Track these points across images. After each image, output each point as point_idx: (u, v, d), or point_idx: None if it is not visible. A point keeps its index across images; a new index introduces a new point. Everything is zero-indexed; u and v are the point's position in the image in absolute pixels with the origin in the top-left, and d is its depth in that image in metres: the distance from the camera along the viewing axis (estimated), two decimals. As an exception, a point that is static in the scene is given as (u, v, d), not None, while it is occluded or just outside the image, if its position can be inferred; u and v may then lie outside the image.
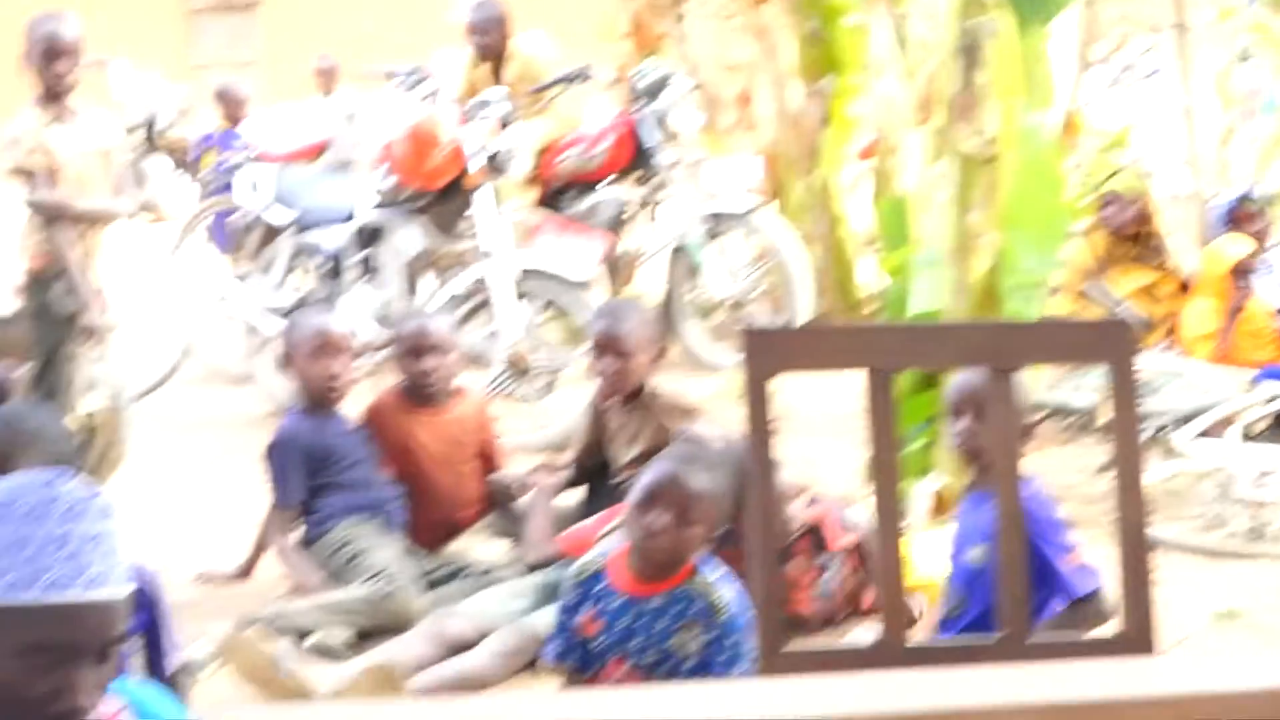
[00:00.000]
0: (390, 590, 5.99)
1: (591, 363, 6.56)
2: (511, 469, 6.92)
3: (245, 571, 6.79)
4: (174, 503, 8.40)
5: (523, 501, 6.66)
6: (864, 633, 5.48)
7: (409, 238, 9.50)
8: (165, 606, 3.80)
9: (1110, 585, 4.44)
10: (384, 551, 6.23)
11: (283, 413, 7.30)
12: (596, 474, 6.61)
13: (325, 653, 5.79)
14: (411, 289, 9.55)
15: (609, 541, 4.99)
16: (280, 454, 6.50)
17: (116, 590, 2.32)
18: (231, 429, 10.08)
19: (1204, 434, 7.62)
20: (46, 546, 2.28)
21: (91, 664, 2.31)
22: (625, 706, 1.73)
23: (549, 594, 5.69)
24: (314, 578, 6.27)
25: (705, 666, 4.45)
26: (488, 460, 6.82)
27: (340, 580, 6.22)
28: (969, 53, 6.55)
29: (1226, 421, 7.71)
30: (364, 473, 6.53)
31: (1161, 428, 7.71)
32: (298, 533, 6.48)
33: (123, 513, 2.40)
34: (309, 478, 6.47)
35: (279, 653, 5.34)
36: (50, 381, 7.20)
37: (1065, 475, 7.50)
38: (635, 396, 6.41)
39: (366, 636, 5.94)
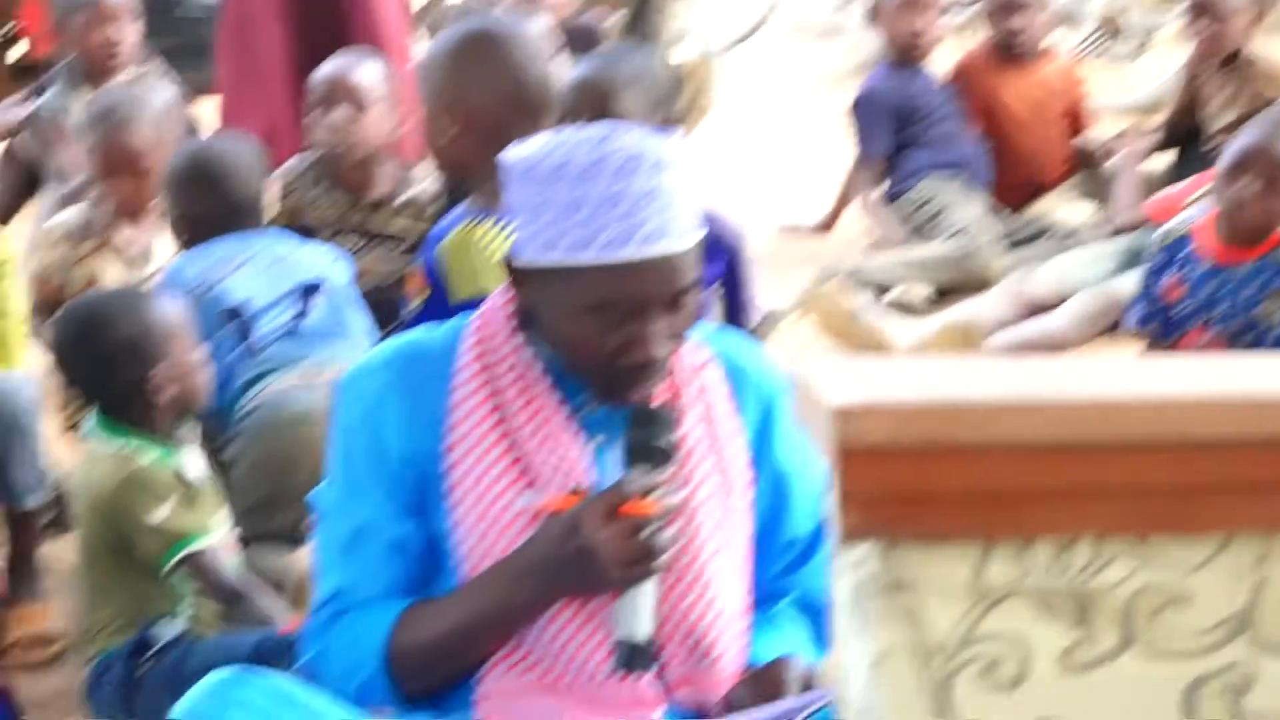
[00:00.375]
0: (972, 248, 5.98)
1: (1186, 24, 6.30)
2: (1099, 131, 6.76)
3: (828, 224, 6.88)
4: (759, 154, 8.54)
5: (1110, 164, 6.51)
6: None
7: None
8: (747, 257, 3.87)
9: None
10: (967, 209, 6.21)
11: (870, 67, 7.28)
12: (1187, 139, 6.40)
13: (905, 308, 5.85)
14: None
15: (1197, 207, 4.85)
16: (867, 108, 6.50)
17: (675, 243, 2.34)
18: (818, 82, 10.13)
19: None
20: (601, 206, 2.30)
21: (660, 314, 2.35)
22: (1206, 374, 1.69)
23: (1132, 258, 5.59)
24: (896, 232, 6.31)
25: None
26: (1075, 121, 6.67)
27: (922, 236, 6.24)
28: None
29: None
30: (950, 129, 6.49)
31: None
32: (881, 187, 6.51)
33: (691, 162, 2.38)
34: (894, 133, 6.46)
35: (859, 306, 5.42)
36: (641, 31, 7.35)
37: None
38: (1232, 60, 6.15)
39: (946, 293, 5.97)
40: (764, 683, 2.42)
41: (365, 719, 2.39)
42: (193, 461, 3.48)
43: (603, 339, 2.35)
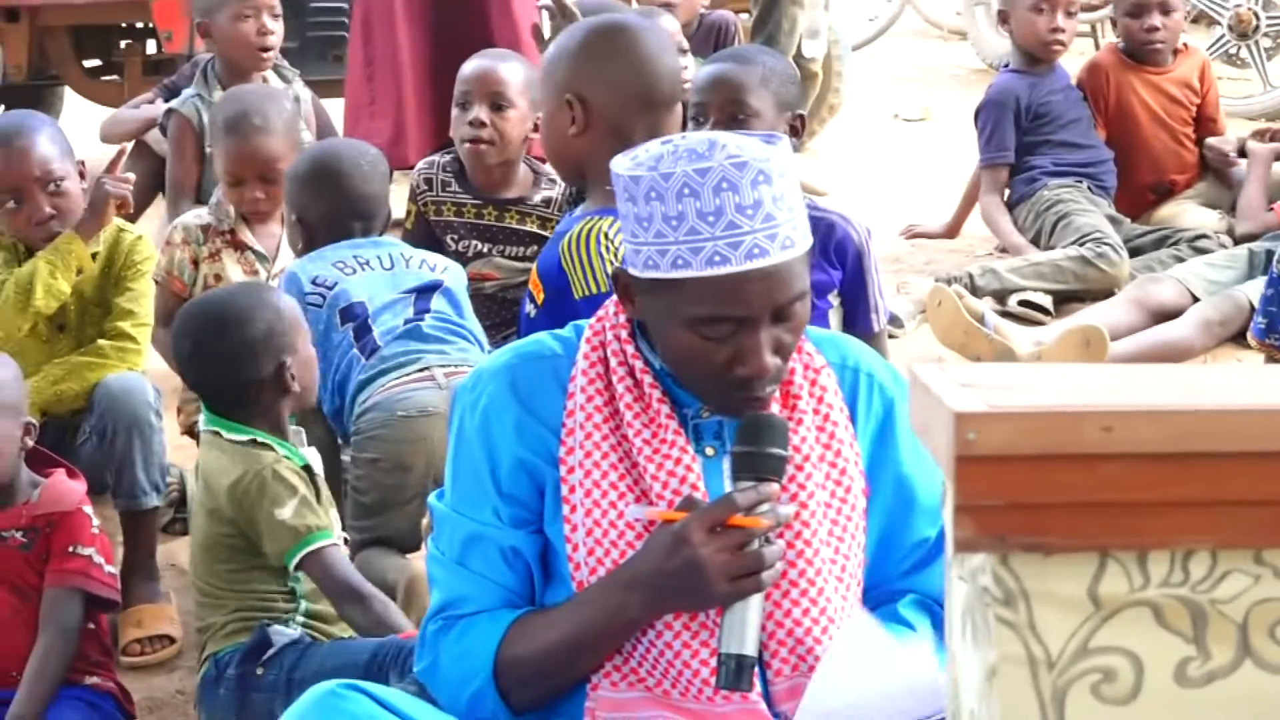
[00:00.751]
0: (1098, 253, 5.93)
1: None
2: (1229, 136, 6.68)
3: (953, 229, 6.84)
4: (883, 154, 8.51)
5: (1238, 169, 6.43)
6: None
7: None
8: (871, 262, 3.85)
9: None
10: (1092, 215, 6.15)
11: (997, 69, 7.23)
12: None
13: (1027, 315, 5.80)
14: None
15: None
16: (993, 111, 6.46)
17: (780, 255, 2.32)
18: (945, 83, 10.09)
19: None
20: (703, 221, 2.29)
21: (768, 326, 2.35)
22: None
23: (1259, 265, 5.52)
24: (1020, 237, 6.27)
25: None
26: (1204, 125, 6.59)
27: (1046, 241, 6.19)
28: None
29: None
30: (1077, 133, 6.43)
31: None
32: (1005, 192, 6.47)
33: (796, 170, 2.36)
34: (1021, 136, 6.42)
35: (981, 312, 5.38)
36: (771, 27, 7.34)
37: None
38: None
39: (1069, 299, 5.92)
40: None
41: None
42: (315, 458, 3.51)
43: (711, 352, 2.35)
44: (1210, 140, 6.47)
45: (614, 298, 2.50)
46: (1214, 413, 1.52)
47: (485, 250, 4.60)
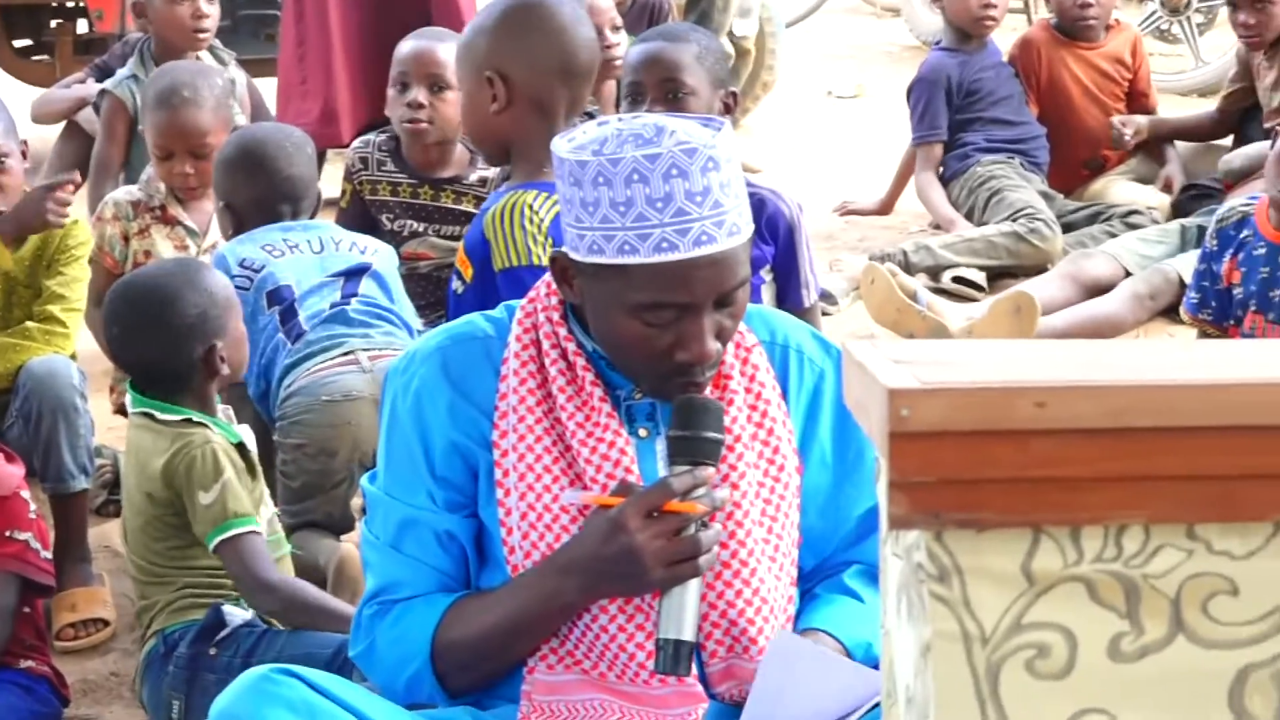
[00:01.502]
0: (1031, 228, 5.95)
1: (1230, 16, 6.26)
2: (1161, 110, 6.71)
3: (886, 206, 6.85)
4: (817, 131, 8.52)
5: (1171, 147, 6.47)
6: None
7: None
8: (802, 237, 3.86)
9: None
10: (1025, 190, 6.17)
11: (931, 45, 7.25)
12: (1248, 118, 6.35)
13: (959, 292, 5.82)
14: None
15: (1259, 188, 4.80)
16: (925, 88, 6.47)
17: (726, 241, 2.31)
18: (879, 60, 10.10)
19: None
20: (651, 207, 2.27)
21: (711, 312, 2.34)
22: (1262, 359, 1.67)
23: (1193, 239, 5.55)
24: (954, 212, 6.28)
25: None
26: (1137, 99, 6.61)
27: (980, 217, 6.21)
28: None
29: None
30: (1009, 109, 6.45)
31: None
32: (937, 168, 6.48)
33: (737, 154, 2.35)
34: (953, 113, 6.43)
35: (913, 289, 5.39)
36: (705, 4, 7.33)
37: None
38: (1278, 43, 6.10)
39: (1003, 275, 5.94)
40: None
41: (408, 714, 2.39)
42: (249, 435, 3.48)
43: (653, 337, 2.34)
44: (1115, 119, 6.48)
45: (545, 278, 2.48)
46: (1147, 388, 1.52)
47: (421, 230, 4.58)
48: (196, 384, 3.40)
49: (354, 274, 4.03)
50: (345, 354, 3.88)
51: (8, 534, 3.32)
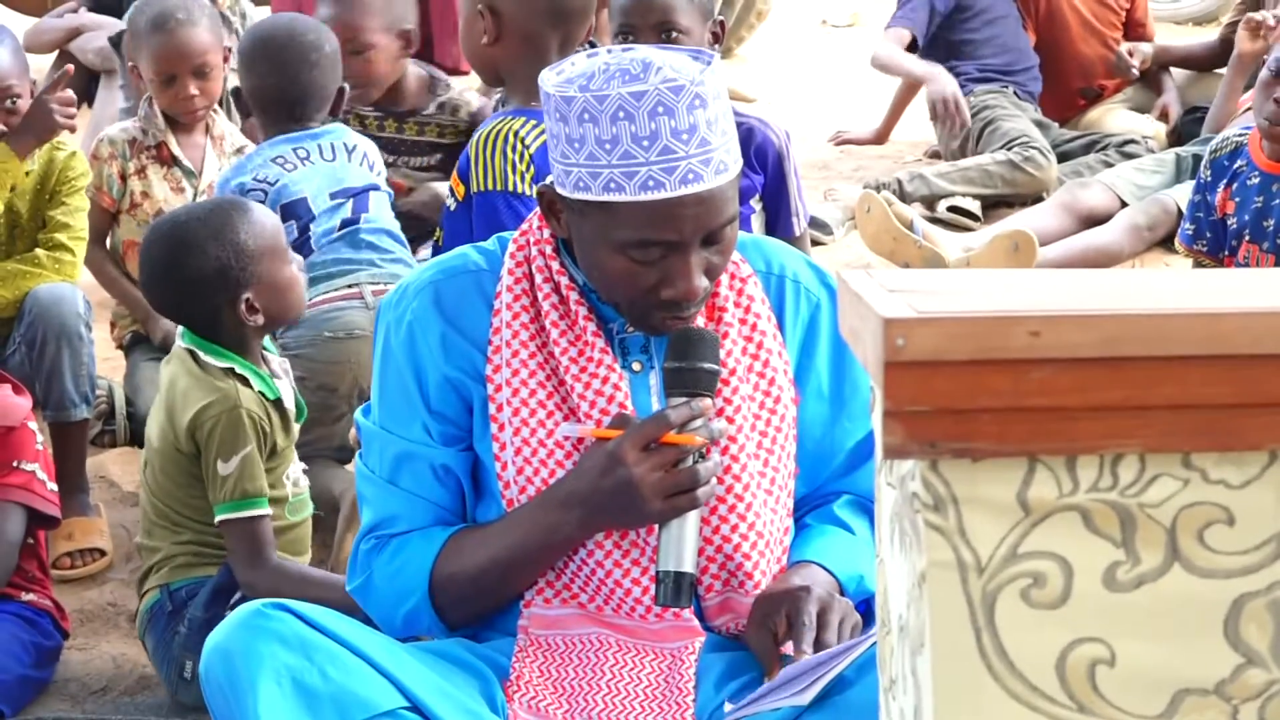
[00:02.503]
0: (1025, 156, 5.93)
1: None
2: (1159, 38, 6.68)
3: (881, 135, 6.82)
4: (811, 61, 8.48)
5: (1168, 75, 6.44)
6: None
7: None
8: (791, 166, 3.83)
9: None
10: (1019, 119, 6.14)
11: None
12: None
13: (956, 221, 5.80)
14: None
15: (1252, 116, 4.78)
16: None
17: (714, 179, 2.28)
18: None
19: None
20: (638, 144, 2.25)
21: (699, 249, 2.32)
22: (1256, 288, 1.67)
23: (1188, 169, 5.53)
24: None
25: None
26: (1134, 28, 6.58)
27: (974, 147, 6.18)
28: None
29: None
30: (1005, 31, 6.38)
31: None
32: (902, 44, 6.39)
33: (725, 90, 2.32)
34: (946, 32, 6.36)
35: (909, 219, 5.37)
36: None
37: None
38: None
39: (998, 204, 5.92)
40: (774, 609, 2.36)
41: (402, 646, 2.38)
42: (288, 391, 3.35)
43: (639, 274, 2.32)
44: (1122, 46, 6.44)
45: (536, 210, 2.47)
46: (1142, 317, 1.51)
47: (391, 161, 4.56)
48: (230, 331, 3.27)
49: (364, 192, 4.02)
50: (350, 286, 3.87)
51: (15, 464, 3.31)
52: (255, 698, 2.23)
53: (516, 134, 3.18)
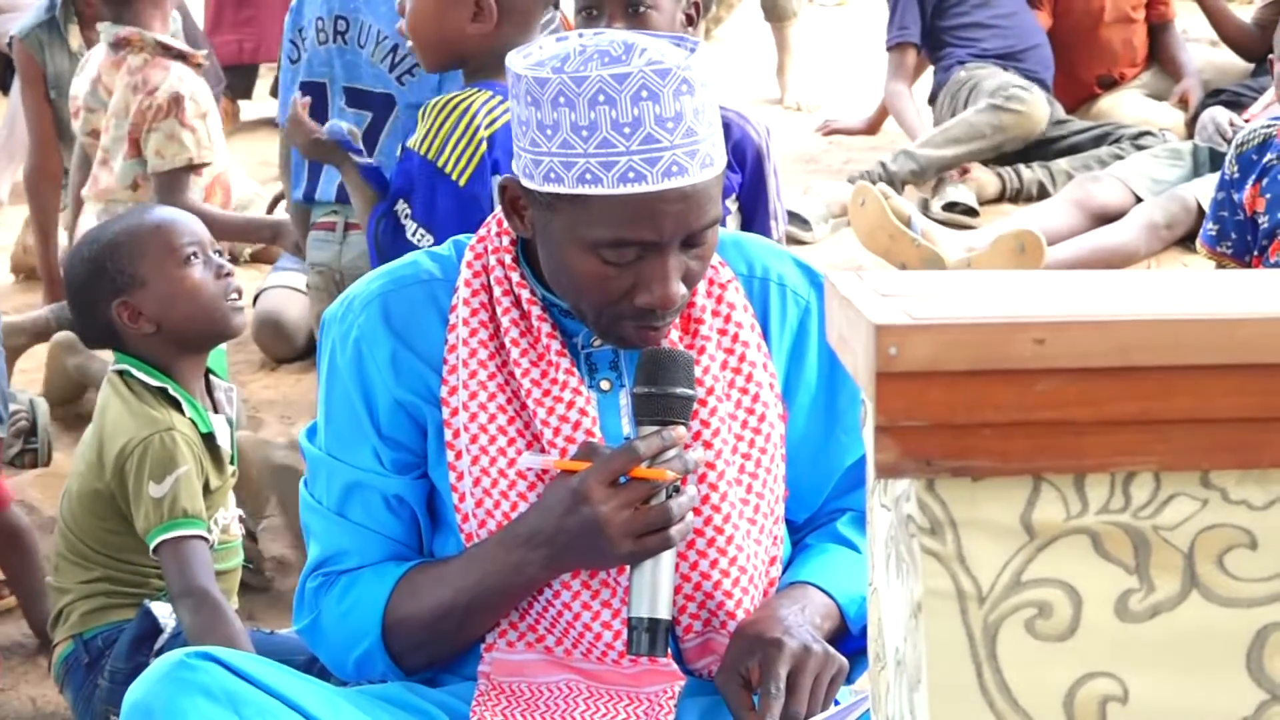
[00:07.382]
0: (1007, 95, 5.93)
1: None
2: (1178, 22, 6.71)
3: (874, 125, 6.83)
4: (803, 40, 8.48)
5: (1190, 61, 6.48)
6: None
7: None
8: (770, 165, 3.84)
9: None
10: (1002, 75, 6.15)
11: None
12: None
13: (954, 219, 5.81)
14: None
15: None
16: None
17: (699, 174, 2.26)
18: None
19: None
20: (617, 132, 2.23)
21: (678, 252, 2.29)
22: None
23: (1206, 161, 5.55)
24: (916, 123, 6.26)
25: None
26: (1155, 8, 6.60)
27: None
28: None
29: None
30: (1002, 18, 6.40)
31: None
32: (908, 76, 6.43)
33: (713, 79, 2.30)
34: (935, 18, 6.38)
35: (909, 214, 5.38)
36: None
37: None
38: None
39: (998, 200, 5.94)
40: (747, 653, 2.33)
41: (343, 694, 2.37)
42: (223, 429, 3.34)
43: (611, 278, 2.29)
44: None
45: (496, 214, 2.45)
46: (1157, 323, 1.52)
47: None
48: (145, 348, 3.27)
49: None
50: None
51: None
52: None
53: (471, 111, 3.18)
